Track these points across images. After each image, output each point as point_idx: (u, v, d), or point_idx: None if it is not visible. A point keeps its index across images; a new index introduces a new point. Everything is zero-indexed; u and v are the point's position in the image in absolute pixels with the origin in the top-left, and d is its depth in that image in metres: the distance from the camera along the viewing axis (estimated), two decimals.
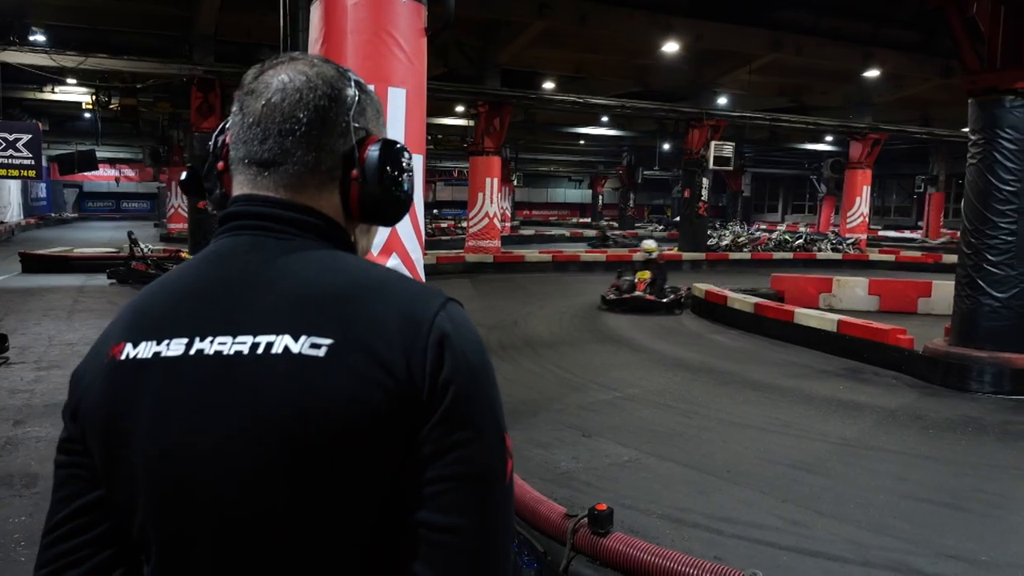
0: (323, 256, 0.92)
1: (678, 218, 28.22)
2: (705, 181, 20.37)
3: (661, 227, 34.56)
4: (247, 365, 0.83)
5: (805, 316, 9.84)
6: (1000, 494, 5.05)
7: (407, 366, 0.83)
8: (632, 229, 34.08)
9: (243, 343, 0.84)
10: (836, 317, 9.45)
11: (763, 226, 34.46)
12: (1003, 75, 7.37)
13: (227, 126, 1.01)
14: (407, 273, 3.64)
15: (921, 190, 32.22)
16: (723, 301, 11.37)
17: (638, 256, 13.33)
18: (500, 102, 17.95)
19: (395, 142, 1.00)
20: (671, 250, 20.52)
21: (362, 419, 0.81)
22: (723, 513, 4.47)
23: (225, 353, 0.84)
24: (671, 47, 16.92)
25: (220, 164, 1.00)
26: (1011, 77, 7.29)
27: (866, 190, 22.77)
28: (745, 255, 21.07)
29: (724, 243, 22.20)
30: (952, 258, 20.01)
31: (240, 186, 0.97)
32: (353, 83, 0.99)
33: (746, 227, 28.36)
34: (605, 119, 28.15)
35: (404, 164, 1.00)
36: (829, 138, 28.96)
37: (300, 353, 0.82)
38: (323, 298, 0.87)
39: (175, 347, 0.87)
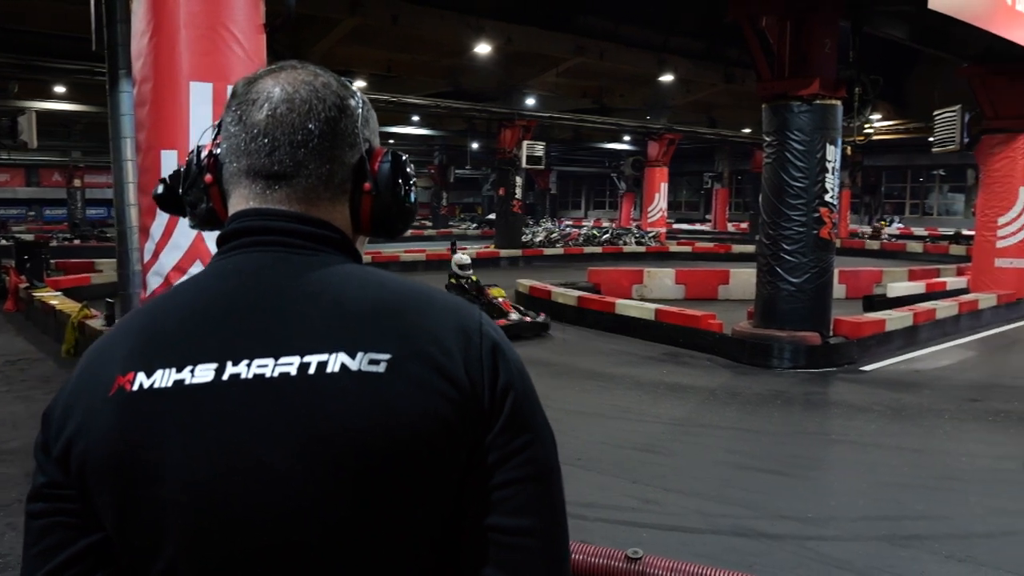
0: (355, 270, 0.90)
1: (491, 216, 28.87)
2: (519, 179, 20.96)
3: (474, 225, 35.11)
4: (299, 387, 0.79)
5: (626, 307, 10.43)
6: (813, 457, 5.68)
7: (467, 375, 0.83)
8: (446, 228, 34.34)
9: (289, 363, 0.80)
10: (654, 306, 10.11)
11: (570, 222, 35.99)
12: (791, 83, 8.23)
13: (215, 137, 0.95)
14: None
15: (708, 186, 35.08)
16: (547, 296, 11.79)
17: (460, 272, 10.93)
18: None
19: (402, 154, 1.00)
20: (488, 248, 20.95)
21: (431, 432, 0.80)
22: (583, 499, 4.67)
23: (268, 376, 0.80)
24: (483, 48, 17.21)
25: (208, 177, 0.94)
26: (798, 85, 8.15)
27: (664, 187, 24.47)
28: (559, 250, 21.94)
29: (538, 239, 22.97)
30: (741, 248, 22.17)
31: (243, 200, 0.92)
32: (357, 93, 0.97)
33: (556, 223, 29.49)
34: (416, 118, 28.12)
35: (412, 175, 1.00)
36: (627, 138, 30.74)
37: (360, 370, 0.80)
38: (374, 313, 0.84)
39: (202, 374, 0.81)
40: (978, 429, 6.27)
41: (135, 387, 0.82)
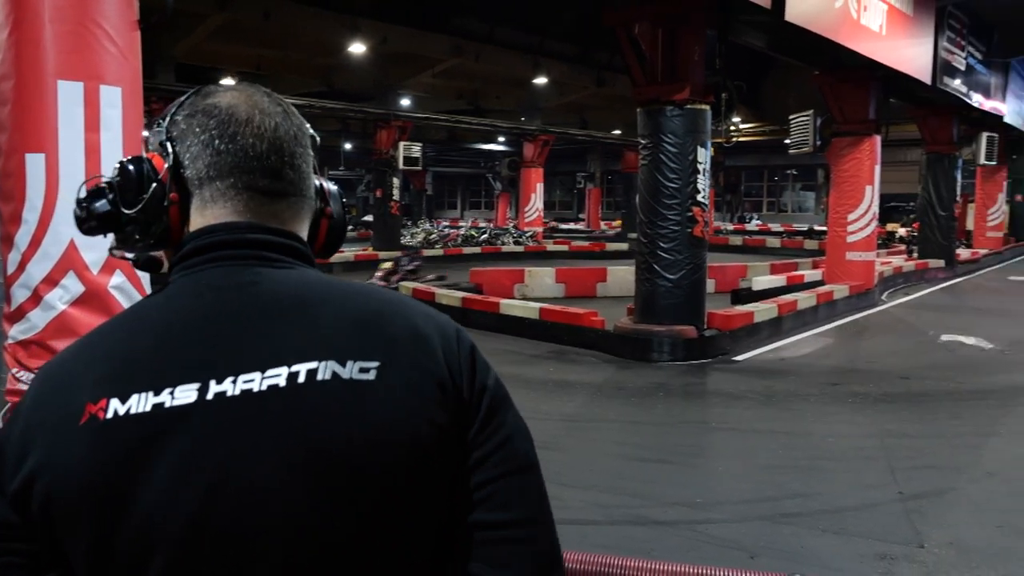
0: (334, 281, 0.92)
1: (367, 217, 28.45)
2: (396, 180, 20.78)
3: (349, 227, 34.43)
4: (289, 397, 0.79)
5: (510, 306, 10.57)
6: (697, 445, 5.97)
7: (451, 377, 0.86)
8: None
9: (277, 375, 0.80)
10: (538, 305, 10.30)
11: (447, 223, 36.01)
12: (664, 88, 8.60)
13: (172, 151, 0.93)
14: (133, 289, 3.36)
15: (581, 186, 36.01)
16: (431, 297, 11.76)
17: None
18: (174, 98, 16.59)
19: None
20: (366, 250, 20.66)
21: (424, 436, 0.82)
22: None
23: (256, 390, 0.79)
24: (358, 48, 16.98)
25: (175, 195, 0.92)
26: (671, 90, 8.53)
27: (540, 187, 24.91)
28: (438, 251, 21.91)
29: (417, 241, 22.85)
30: (615, 246, 22.87)
31: (217, 216, 0.91)
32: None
33: (434, 224, 29.44)
34: None
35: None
36: (502, 139, 31.11)
37: (351, 379, 0.81)
38: (359, 321, 0.86)
39: (183, 395, 0.79)
40: (841, 411, 6.78)
41: (109, 415, 0.79)
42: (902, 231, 23.92)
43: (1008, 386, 7.65)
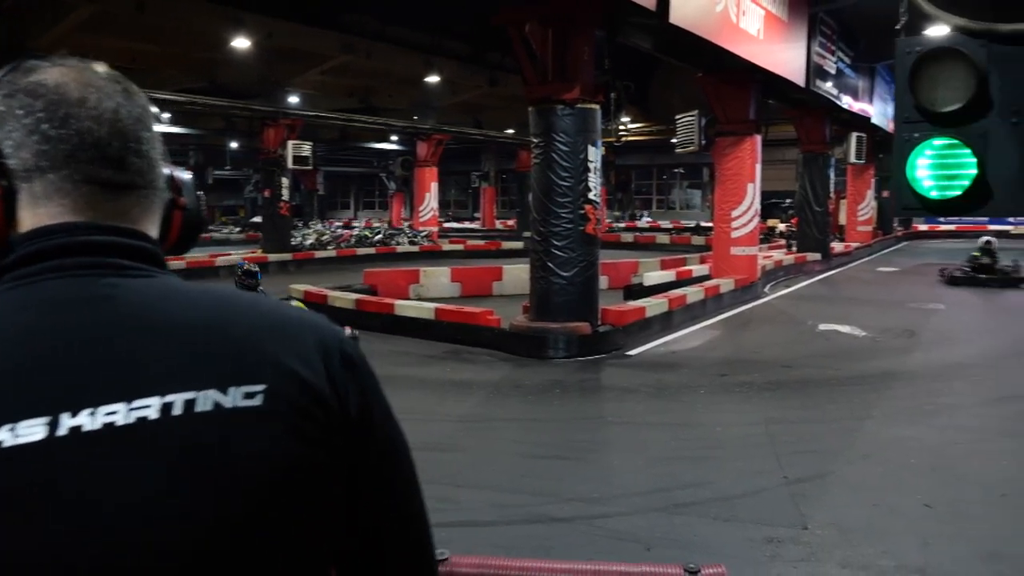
0: (198, 289, 0.82)
1: (256, 219, 27.58)
2: (285, 180, 20.18)
3: (238, 229, 33.30)
4: (163, 432, 0.69)
5: (405, 307, 10.43)
6: (593, 440, 6.04)
7: (335, 392, 0.79)
8: (206, 232, 32.20)
9: (146, 406, 0.69)
10: (433, 305, 10.21)
11: (340, 223, 35.33)
12: (555, 87, 8.67)
13: None
14: None
15: (476, 185, 36.05)
16: (323, 300, 11.47)
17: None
18: None
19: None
20: (254, 252, 19.99)
21: (314, 458, 0.75)
22: None
23: (120, 424, 0.68)
24: (241, 43, 16.36)
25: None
26: (562, 89, 8.61)
27: (434, 186, 24.77)
28: (331, 253, 21.44)
29: (309, 242, 22.28)
30: (510, 245, 22.99)
31: (54, 215, 0.77)
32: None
33: (327, 225, 28.79)
34: (167, 115, 26.11)
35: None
36: (396, 138, 30.75)
37: (236, 407, 0.72)
38: (236, 337, 0.77)
39: (28, 431, 0.66)
40: (728, 401, 7.01)
41: None
42: (782, 226, 25.07)
43: (879, 372, 8.11)
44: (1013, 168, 1.83)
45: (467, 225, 37.00)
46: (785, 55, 12.87)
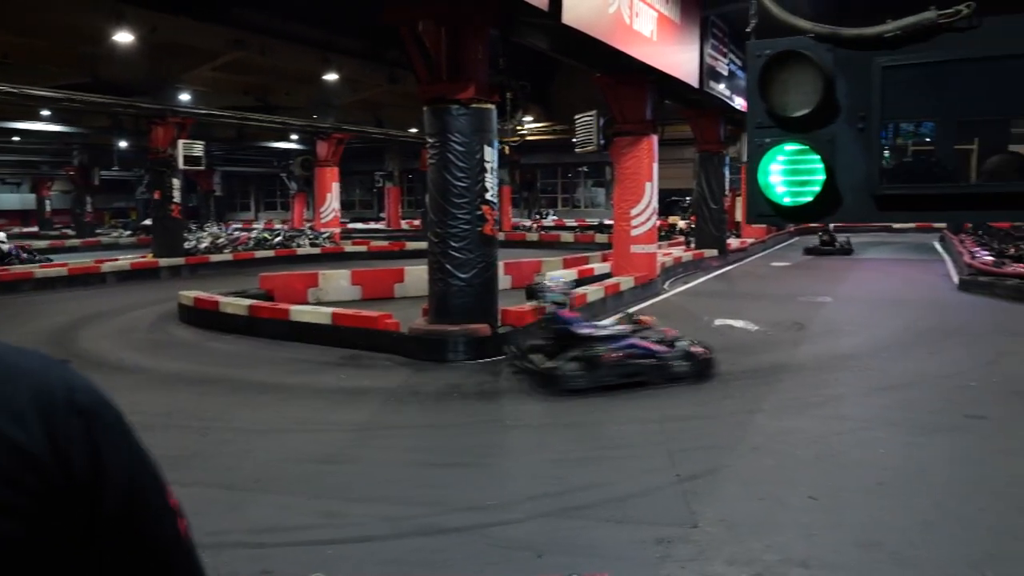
0: None
1: (147, 221, 26.36)
2: (176, 181, 19.32)
3: (128, 232, 31.73)
4: None
5: (300, 312, 10.11)
6: (491, 445, 5.96)
7: (55, 452, 0.66)
8: (93, 236, 30.61)
9: None
10: (330, 310, 9.93)
11: (239, 225, 34.20)
12: (449, 87, 8.55)
13: None
14: None
15: (380, 185, 35.55)
16: (215, 307, 11.02)
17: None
18: None
19: None
20: (144, 257, 19.09)
21: (26, 533, 0.64)
22: (263, 524, 4.40)
23: None
24: (124, 37, 15.55)
25: None
26: (456, 89, 8.50)
27: (336, 186, 24.25)
28: (227, 256, 20.66)
29: (203, 246, 21.40)
30: (415, 245, 22.70)
31: None
32: None
33: (223, 227, 27.77)
34: (47, 113, 24.64)
35: None
36: (295, 137, 29.96)
37: None
38: None
39: None
40: (626, 400, 7.03)
41: None
42: (682, 224, 25.70)
43: (771, 364, 8.34)
44: (860, 175, 1.83)
45: (372, 226, 36.44)
46: (679, 57, 13.14)
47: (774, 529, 4.28)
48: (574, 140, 14.55)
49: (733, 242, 21.33)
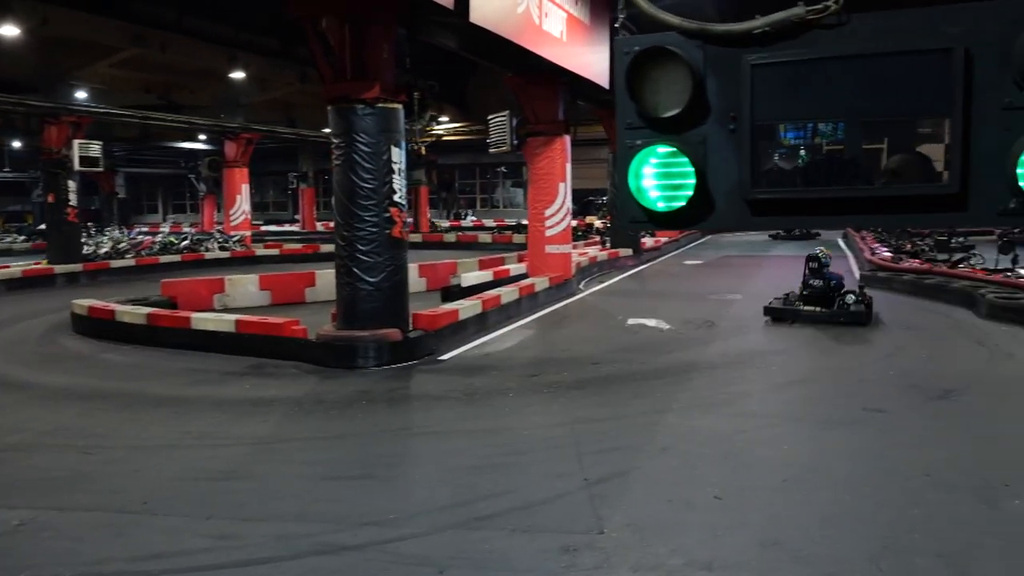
0: None
1: (43, 226, 24.99)
2: (72, 183, 18.34)
3: (23, 237, 30.03)
4: None
5: (203, 320, 9.69)
6: (396, 455, 5.78)
7: None
8: None
9: None
10: (234, 317, 9.55)
11: (145, 228, 32.83)
12: (354, 86, 8.31)
13: None
14: None
15: (294, 186, 34.71)
16: (110, 316, 10.45)
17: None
18: None
19: None
20: (39, 263, 18.06)
21: None
22: (147, 551, 4.12)
23: None
24: (10, 30, 14.65)
25: None
26: (361, 88, 8.27)
27: (245, 188, 23.50)
28: (129, 261, 19.73)
29: (103, 251, 20.39)
30: (329, 247, 22.19)
31: None
32: None
33: (126, 231, 26.55)
34: None
35: None
36: (204, 137, 28.93)
37: None
38: None
39: None
40: (537, 402, 6.99)
41: None
42: (598, 223, 25.97)
43: (682, 363, 8.43)
44: (732, 178, 1.77)
45: (287, 228, 35.57)
46: (589, 57, 13.18)
47: (680, 531, 4.26)
48: (488, 140, 14.45)
49: (648, 241, 21.64)
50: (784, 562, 3.90)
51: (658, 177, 1.82)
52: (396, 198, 8.52)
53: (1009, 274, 12.35)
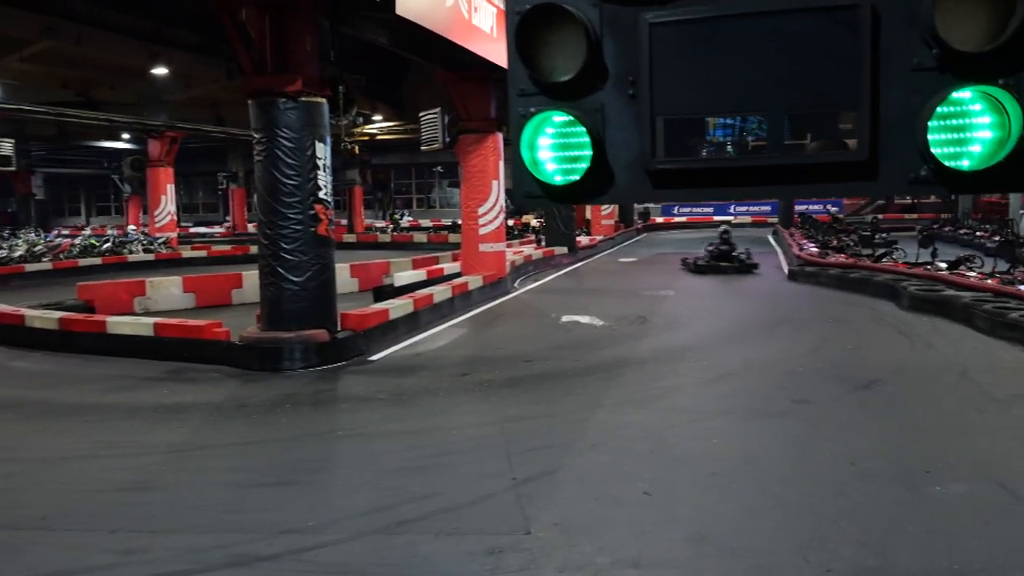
0: None
1: None
2: None
3: None
4: None
5: (119, 324, 9.25)
6: (319, 459, 5.57)
7: None
8: None
9: None
10: (152, 320, 9.15)
11: (65, 231, 31.51)
12: (275, 79, 8.04)
13: None
14: None
15: (224, 186, 33.79)
16: (19, 321, 9.91)
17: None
18: None
19: None
20: None
21: None
22: (45, 569, 3.84)
23: None
24: None
25: None
26: (283, 81, 8.00)
27: (170, 188, 22.71)
28: (46, 265, 18.83)
29: (17, 254, 19.42)
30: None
31: None
32: None
33: (43, 234, 25.39)
34: None
35: None
36: (127, 136, 27.91)
37: None
38: None
39: None
40: (468, 401, 6.86)
41: None
42: (535, 222, 25.96)
43: (614, 359, 8.40)
44: (632, 148, 1.66)
45: (217, 230, 34.62)
46: None
47: (608, 529, 4.19)
48: (420, 138, 14.25)
49: (583, 239, 21.71)
50: (711, 557, 3.85)
51: (554, 149, 1.70)
52: (321, 195, 8.28)
53: (929, 267, 12.74)
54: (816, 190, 1.74)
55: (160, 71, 19.29)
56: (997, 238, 16.84)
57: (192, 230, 34.17)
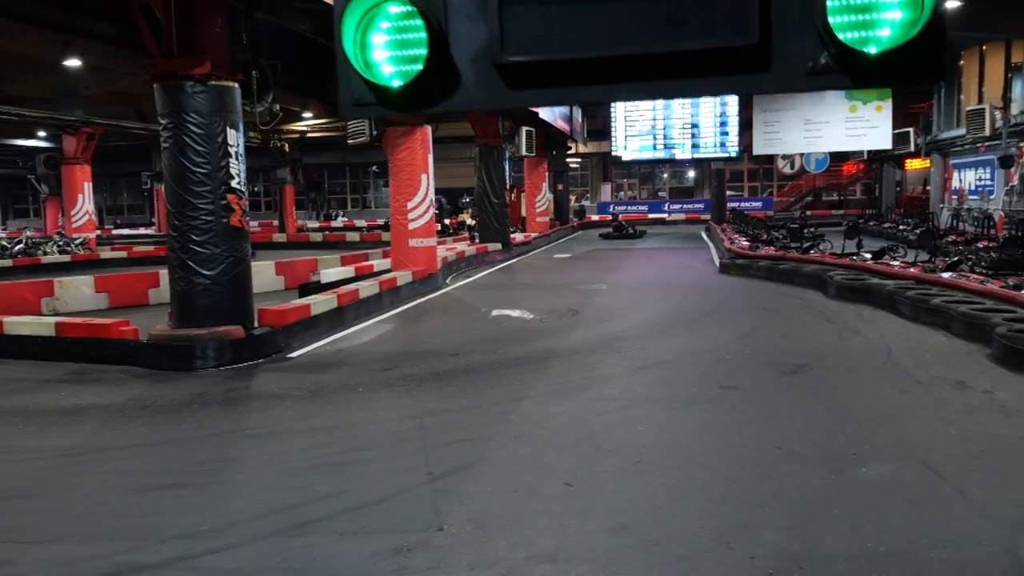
0: None
1: None
2: None
3: None
4: None
5: (17, 324, 8.66)
6: (223, 459, 5.21)
7: None
8: None
9: None
10: (54, 320, 8.59)
11: None
12: (181, 62, 7.60)
13: None
14: None
15: (148, 186, 32.59)
16: None
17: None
18: None
19: None
20: None
21: None
22: None
23: None
24: None
25: None
26: (189, 64, 7.56)
27: (88, 187, 21.72)
28: None
29: None
30: None
31: None
32: None
33: None
34: None
35: None
36: (43, 133, 26.63)
37: None
38: None
39: None
40: (387, 396, 6.56)
41: None
42: (471, 221, 25.70)
43: (543, 351, 8.20)
44: (479, 41, 1.40)
45: (143, 231, 33.37)
46: None
47: (524, 523, 3.96)
48: (347, 131, 13.85)
49: (518, 236, 21.53)
50: (631, 548, 3.66)
51: (391, 47, 1.43)
52: (234, 184, 7.86)
53: (855, 258, 12.94)
54: (698, 86, 1.49)
55: (73, 63, 18.39)
56: (919, 230, 17.30)
57: (116, 232, 32.90)
